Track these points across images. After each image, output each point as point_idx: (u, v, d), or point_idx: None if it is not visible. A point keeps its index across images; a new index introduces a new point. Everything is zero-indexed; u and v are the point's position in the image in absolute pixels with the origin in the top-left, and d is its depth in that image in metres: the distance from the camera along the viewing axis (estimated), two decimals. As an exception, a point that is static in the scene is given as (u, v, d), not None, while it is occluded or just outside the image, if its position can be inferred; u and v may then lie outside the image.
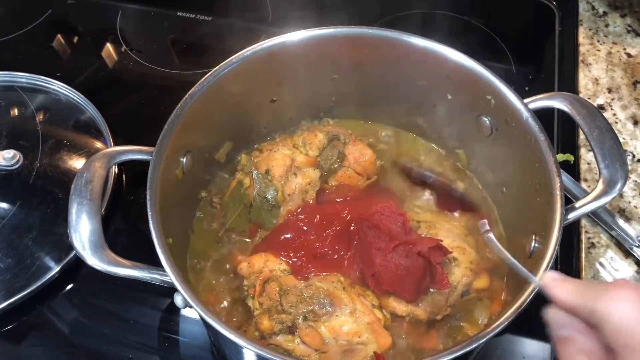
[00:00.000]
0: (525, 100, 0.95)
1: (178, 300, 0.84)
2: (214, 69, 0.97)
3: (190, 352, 1.02)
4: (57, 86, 1.30)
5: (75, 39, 1.47)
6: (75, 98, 1.28)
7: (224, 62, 0.98)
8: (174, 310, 1.04)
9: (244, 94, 1.04)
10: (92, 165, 0.86)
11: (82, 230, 0.81)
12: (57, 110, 1.28)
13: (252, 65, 1.01)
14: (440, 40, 1.03)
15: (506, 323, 0.75)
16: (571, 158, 1.21)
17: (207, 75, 0.96)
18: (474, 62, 0.96)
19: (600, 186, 0.86)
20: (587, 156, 1.22)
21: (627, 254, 1.09)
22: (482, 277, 0.98)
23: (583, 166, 1.21)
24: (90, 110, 1.26)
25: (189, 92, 0.94)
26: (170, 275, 0.78)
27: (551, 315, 0.65)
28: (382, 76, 1.08)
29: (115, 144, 1.21)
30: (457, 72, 0.99)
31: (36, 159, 1.18)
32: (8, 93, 1.30)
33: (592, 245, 1.10)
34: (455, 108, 1.06)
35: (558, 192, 0.84)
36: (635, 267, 1.08)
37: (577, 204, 0.87)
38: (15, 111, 1.28)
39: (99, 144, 1.23)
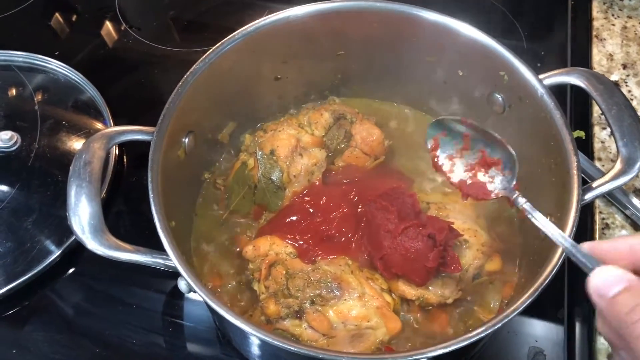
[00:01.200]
0: (540, 76, 0.91)
1: (182, 285, 0.82)
2: (216, 45, 0.93)
3: (195, 336, 1.00)
4: (55, 65, 1.26)
5: (74, 17, 1.44)
6: (74, 78, 1.25)
7: (226, 39, 0.94)
8: (178, 294, 1.01)
9: (247, 71, 1.01)
10: (91, 146, 0.83)
11: (82, 214, 0.79)
12: (56, 90, 1.25)
13: (256, 42, 0.97)
14: (448, 14, 1.00)
15: (523, 307, 0.72)
16: (582, 134, 1.18)
17: (208, 52, 0.93)
18: (486, 37, 0.93)
19: (618, 165, 0.83)
20: (600, 134, 1.18)
21: (643, 235, 1.06)
22: (494, 259, 0.95)
23: (597, 145, 1.17)
24: (90, 90, 1.23)
25: (191, 70, 0.91)
26: (173, 260, 0.75)
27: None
28: (390, 52, 1.05)
29: (116, 124, 1.18)
30: (469, 48, 0.95)
31: (34, 140, 1.16)
32: (5, 72, 1.27)
33: (607, 226, 1.07)
34: (467, 85, 1.02)
35: (575, 172, 0.81)
36: (650, 248, 1.05)
37: (594, 184, 0.84)
38: (13, 91, 1.25)
39: (98, 125, 1.20)
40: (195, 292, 0.76)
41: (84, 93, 1.24)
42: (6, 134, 1.11)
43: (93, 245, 0.78)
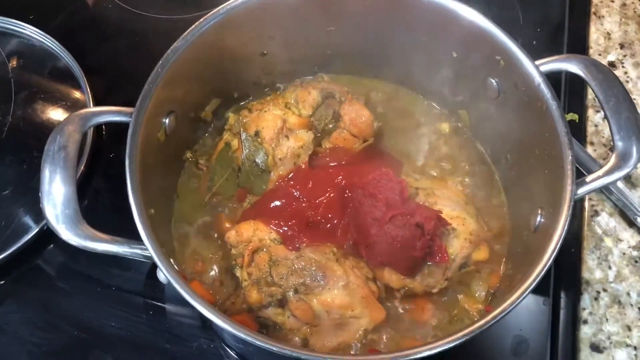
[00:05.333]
0: (537, 62, 0.88)
1: (161, 275, 0.79)
2: (199, 21, 0.88)
3: (176, 319, 0.98)
4: (30, 31, 1.21)
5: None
6: (49, 44, 1.19)
7: (209, 14, 0.89)
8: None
9: (232, 47, 0.96)
10: (65, 129, 0.79)
11: (56, 201, 0.76)
12: (31, 58, 1.20)
13: (241, 17, 0.93)
14: None
15: (512, 307, 0.71)
16: (576, 117, 1.15)
17: (190, 29, 0.88)
18: (484, 19, 0.89)
19: (613, 159, 0.81)
20: (594, 118, 1.16)
21: (631, 223, 1.05)
22: (482, 248, 0.94)
23: (590, 128, 1.15)
24: (66, 58, 1.18)
25: (171, 47, 0.86)
26: (151, 253, 0.72)
27: None
28: (382, 29, 1.00)
29: (94, 96, 1.13)
30: (465, 30, 0.91)
31: (8, 112, 1.11)
32: (-24, 37, 1.21)
33: (596, 213, 1.06)
34: (461, 67, 0.99)
35: (569, 167, 0.79)
36: (638, 238, 1.04)
37: (588, 179, 0.81)
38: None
39: (76, 94, 1.16)
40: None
41: (61, 61, 1.19)
42: (-22, 106, 1.06)
43: (67, 235, 0.75)
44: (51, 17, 1.27)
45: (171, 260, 0.79)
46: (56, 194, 0.76)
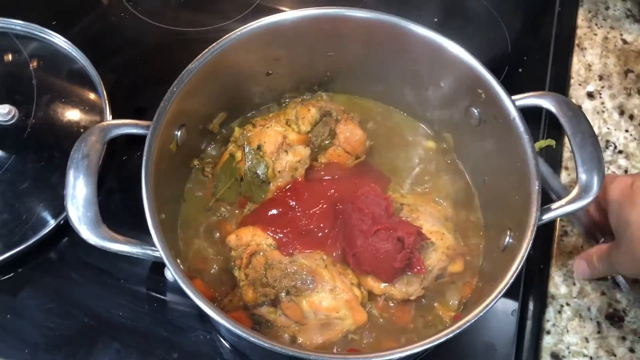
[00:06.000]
0: (514, 97, 0.97)
1: (168, 274, 0.89)
2: (212, 45, 0.98)
3: (177, 312, 1.07)
4: (52, 36, 1.28)
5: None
6: (70, 50, 1.27)
7: (222, 38, 0.98)
8: (161, 271, 1.09)
9: (241, 68, 1.05)
10: (88, 139, 0.88)
11: (79, 204, 0.84)
12: (52, 62, 1.27)
13: (251, 41, 1.01)
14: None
15: (479, 315, 0.81)
16: (553, 143, 1.24)
17: (204, 52, 0.97)
18: (470, 57, 0.98)
19: (576, 190, 0.90)
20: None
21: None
22: (457, 261, 1.03)
23: (565, 154, 1.24)
24: (85, 64, 1.25)
25: (187, 68, 0.95)
26: (162, 256, 0.82)
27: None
28: (378, 57, 1.09)
29: (110, 101, 1.21)
30: (453, 64, 1.00)
31: (30, 113, 1.19)
32: (1, 39, 1.29)
33: (565, 233, 1.16)
34: (447, 95, 1.07)
35: (535, 196, 0.88)
36: (602, 257, 1.14)
37: (553, 206, 0.91)
38: (9, 59, 1.28)
39: (94, 99, 1.23)
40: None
41: (80, 67, 1.26)
42: (4, 108, 1.15)
43: (87, 235, 0.84)
44: (72, 24, 1.35)
45: (177, 260, 0.89)
46: (79, 197, 0.85)
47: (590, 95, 1.32)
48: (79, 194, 0.85)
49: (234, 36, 0.99)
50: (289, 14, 1.01)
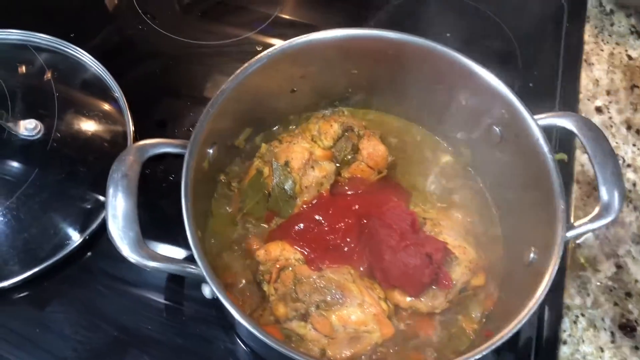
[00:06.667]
0: (536, 117, 1.01)
1: (206, 291, 0.90)
2: (244, 66, 1.00)
3: (206, 326, 1.09)
4: (71, 48, 1.29)
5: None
6: (90, 63, 1.28)
7: (253, 59, 1.00)
8: (188, 284, 1.11)
9: (268, 86, 1.07)
10: (127, 159, 0.90)
11: (120, 223, 0.86)
12: (72, 75, 1.28)
13: (280, 61, 1.03)
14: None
15: (505, 338, 0.84)
16: (565, 157, 1.28)
17: (237, 72, 0.99)
18: (495, 78, 1.01)
19: (598, 209, 0.94)
20: (581, 158, 1.29)
21: (609, 256, 1.18)
22: (479, 275, 1.06)
23: (577, 167, 1.28)
24: (105, 76, 1.26)
25: (220, 89, 0.97)
26: (205, 275, 0.84)
27: None
28: (401, 75, 1.12)
29: (132, 114, 1.23)
30: (476, 84, 1.03)
31: (52, 127, 1.20)
32: (22, 52, 1.29)
33: (579, 245, 1.20)
34: (468, 113, 1.10)
35: (560, 215, 0.92)
36: (614, 269, 1.18)
37: (576, 224, 0.94)
38: (30, 72, 1.28)
39: (115, 112, 1.24)
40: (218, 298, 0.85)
41: (100, 79, 1.27)
42: (30, 123, 1.15)
43: (128, 253, 0.85)
44: (90, 37, 1.36)
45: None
46: (120, 216, 0.86)
47: (598, 109, 1.36)
48: (119, 212, 0.86)
49: (265, 56, 1.01)
50: (319, 35, 1.03)
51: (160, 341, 1.07)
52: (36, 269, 1.07)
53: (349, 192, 1.12)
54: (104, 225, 1.09)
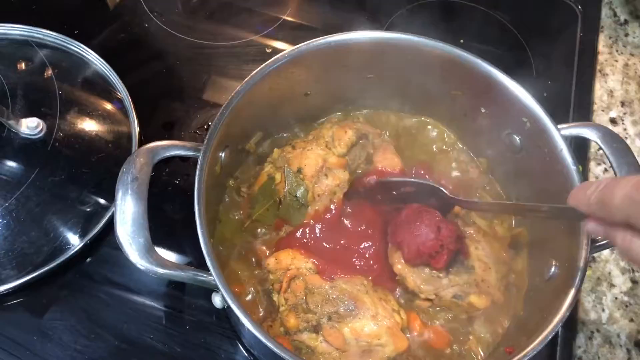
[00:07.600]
0: (559, 126, 0.98)
1: (217, 300, 0.87)
2: (259, 68, 0.96)
3: (210, 334, 1.05)
4: (76, 46, 1.26)
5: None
6: (94, 61, 1.24)
7: (269, 61, 0.97)
8: (189, 290, 1.07)
9: (282, 89, 1.04)
10: (137, 161, 0.86)
11: (129, 228, 0.82)
12: (75, 72, 1.25)
13: (294, 64, 1.00)
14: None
15: (530, 356, 0.80)
16: (580, 168, 1.25)
17: (251, 75, 0.95)
18: (516, 85, 0.98)
19: (623, 222, 0.91)
20: (595, 169, 1.27)
21: (624, 270, 1.16)
22: (483, 298, 1.00)
23: (591, 179, 1.26)
24: (110, 75, 1.23)
25: (235, 90, 0.94)
26: (218, 284, 0.80)
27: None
28: (417, 79, 1.09)
29: (136, 114, 1.19)
30: (497, 91, 1.00)
31: (55, 126, 1.16)
32: (24, 49, 1.25)
33: (593, 259, 1.17)
34: (487, 122, 1.08)
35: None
36: (629, 284, 1.15)
37: (598, 237, 0.91)
38: (32, 69, 1.24)
39: (119, 112, 1.21)
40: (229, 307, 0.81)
41: (104, 78, 1.24)
42: (33, 122, 1.11)
43: (137, 259, 0.81)
44: (95, 34, 1.32)
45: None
46: (129, 221, 0.82)
47: (613, 121, 1.34)
48: (128, 216, 0.82)
49: (281, 59, 0.98)
50: (337, 37, 1.00)
51: (161, 351, 1.03)
52: (35, 274, 1.03)
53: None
54: (105, 230, 1.07)
